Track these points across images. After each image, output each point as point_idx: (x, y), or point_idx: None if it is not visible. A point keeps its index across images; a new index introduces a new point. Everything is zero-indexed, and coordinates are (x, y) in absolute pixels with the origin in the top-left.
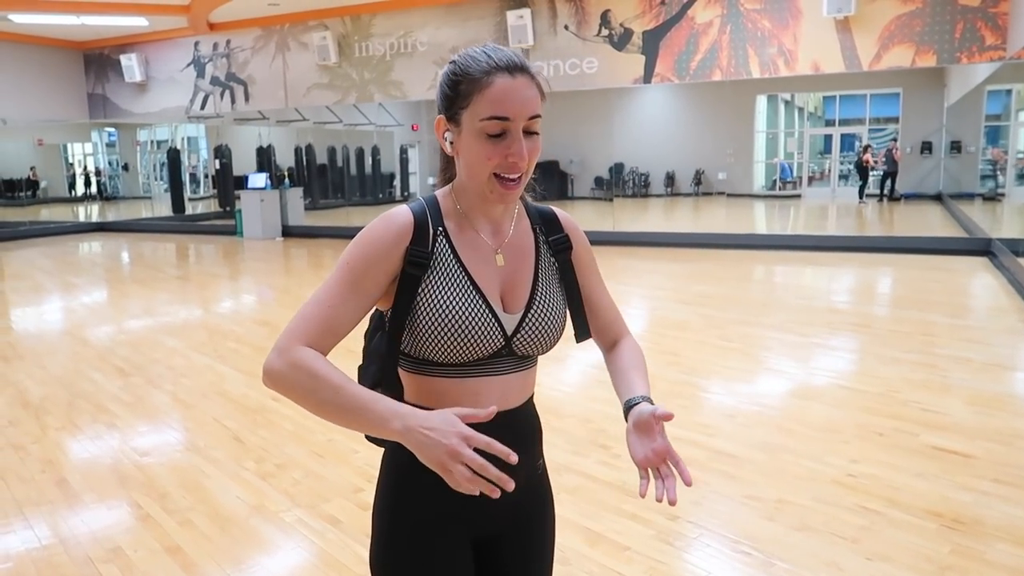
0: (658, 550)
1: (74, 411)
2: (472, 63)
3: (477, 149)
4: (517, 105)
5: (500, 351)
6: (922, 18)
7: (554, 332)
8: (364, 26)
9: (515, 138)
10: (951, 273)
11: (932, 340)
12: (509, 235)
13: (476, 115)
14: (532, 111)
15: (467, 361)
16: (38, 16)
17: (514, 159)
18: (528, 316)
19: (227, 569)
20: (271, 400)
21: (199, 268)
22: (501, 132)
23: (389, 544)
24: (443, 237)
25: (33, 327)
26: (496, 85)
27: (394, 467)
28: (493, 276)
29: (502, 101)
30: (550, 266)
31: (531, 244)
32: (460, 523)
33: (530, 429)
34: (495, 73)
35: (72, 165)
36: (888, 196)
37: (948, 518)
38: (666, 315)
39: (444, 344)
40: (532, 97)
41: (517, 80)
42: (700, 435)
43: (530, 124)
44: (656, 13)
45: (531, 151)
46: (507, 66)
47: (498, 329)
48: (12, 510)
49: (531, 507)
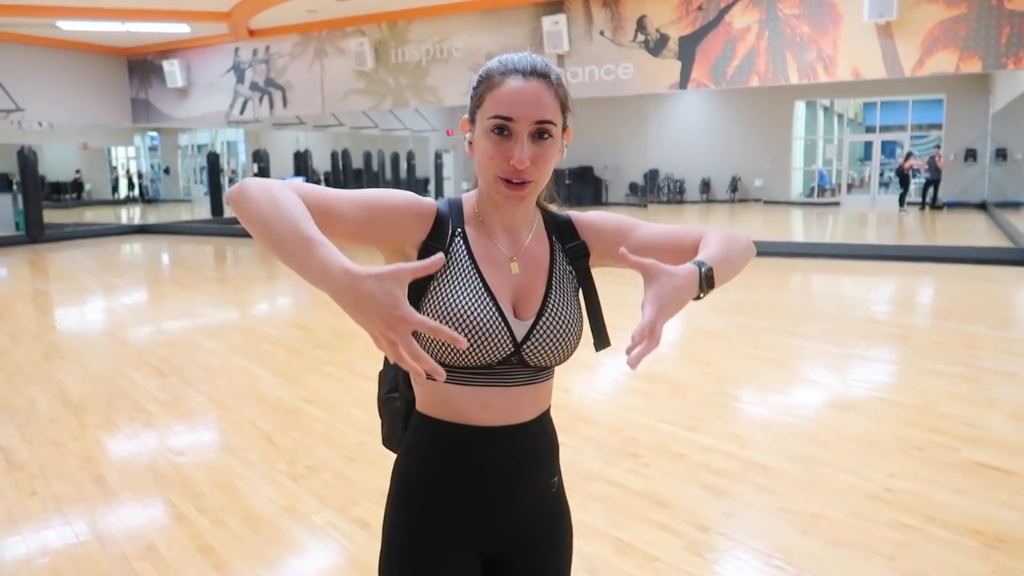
0: (688, 562)
1: (113, 410)
2: (494, 65)
3: (483, 148)
4: (523, 107)
5: (510, 358)
6: (967, 23)
7: (566, 342)
8: (401, 32)
9: (517, 140)
10: (995, 284)
11: (975, 352)
12: (526, 244)
13: (485, 113)
14: (540, 115)
15: (475, 365)
16: (84, 23)
17: (514, 163)
18: (539, 323)
19: (257, 569)
20: (304, 403)
21: (236, 271)
22: (505, 132)
23: (396, 556)
24: (460, 238)
25: (75, 327)
26: (506, 85)
27: (403, 479)
28: (506, 283)
29: (509, 101)
30: (566, 275)
31: (546, 253)
32: (468, 536)
33: (542, 445)
34: (509, 74)
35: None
36: (930, 204)
37: (989, 536)
38: (700, 323)
39: (449, 352)
40: (543, 102)
41: (529, 83)
42: (733, 446)
43: (539, 128)
44: (693, 18)
45: (539, 157)
46: (522, 69)
47: (507, 334)
48: (51, 506)
49: (544, 525)
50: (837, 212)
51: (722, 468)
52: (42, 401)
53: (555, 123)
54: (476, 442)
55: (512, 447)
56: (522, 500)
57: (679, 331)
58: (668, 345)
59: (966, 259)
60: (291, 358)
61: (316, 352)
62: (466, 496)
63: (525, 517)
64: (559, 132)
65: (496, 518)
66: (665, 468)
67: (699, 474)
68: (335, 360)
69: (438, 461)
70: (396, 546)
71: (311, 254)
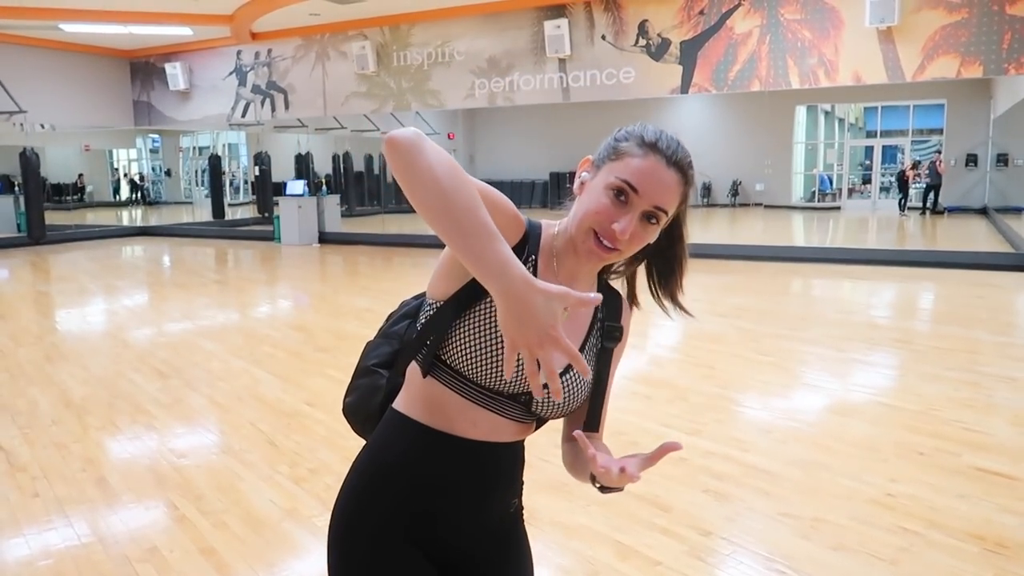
0: (690, 566)
1: (114, 411)
2: (646, 132)
3: (595, 197)
4: (651, 185)
5: (519, 396)
6: (968, 28)
7: (572, 405)
8: (403, 36)
9: (630, 211)
10: (996, 289)
11: (976, 358)
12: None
13: (616, 171)
14: (661, 201)
15: (490, 388)
16: (87, 25)
17: (617, 227)
18: (564, 378)
19: (259, 572)
20: (305, 405)
21: (237, 273)
22: (623, 197)
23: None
24: (532, 267)
25: (77, 328)
26: (647, 159)
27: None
28: None
29: (641, 174)
30: (594, 347)
31: (588, 319)
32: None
33: (514, 466)
34: (654, 151)
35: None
36: (931, 209)
37: (991, 542)
38: (701, 327)
39: (479, 363)
40: (670, 189)
41: (668, 170)
42: (735, 450)
43: (654, 212)
44: (694, 23)
45: (637, 236)
46: (667, 154)
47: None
48: (53, 507)
49: (502, 544)
50: (838, 217)
51: (723, 472)
52: (44, 403)
53: (667, 213)
54: (456, 450)
55: (488, 462)
56: (486, 515)
57: (680, 335)
58: (669, 349)
59: (967, 264)
60: (292, 361)
61: (317, 355)
62: (436, 499)
63: (488, 532)
64: (666, 222)
65: (460, 527)
66: (666, 472)
67: (700, 478)
68: (336, 363)
69: (415, 462)
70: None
71: (493, 247)
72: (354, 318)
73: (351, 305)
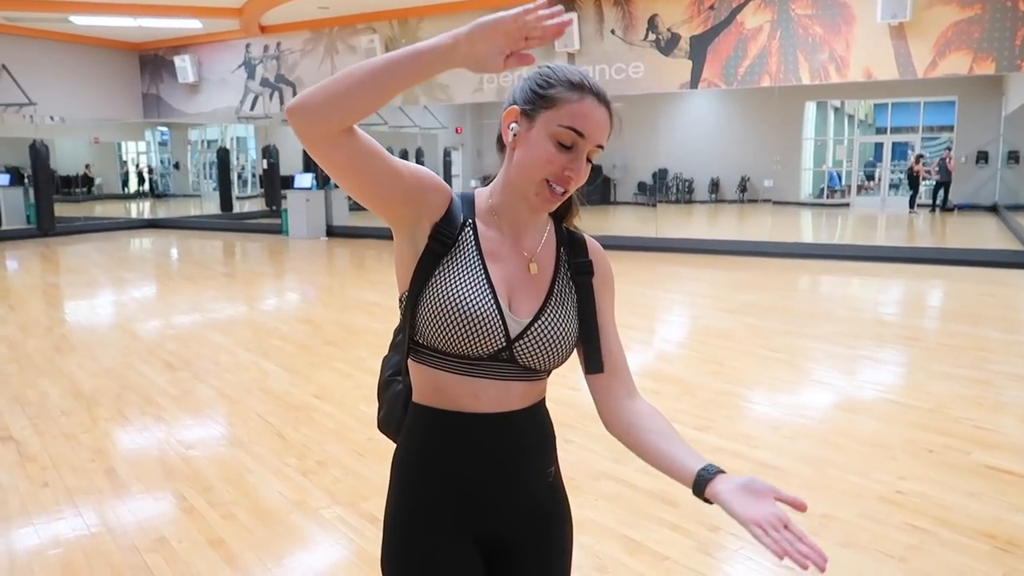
0: (699, 561)
1: (123, 403)
2: (570, 74)
3: (542, 150)
4: (595, 129)
5: (500, 354)
6: (981, 24)
7: (559, 348)
8: (411, 29)
9: (579, 156)
10: (1007, 287)
11: (986, 355)
12: (539, 247)
13: (556, 119)
14: (602, 140)
15: (468, 355)
16: (97, 18)
17: (571, 174)
18: (535, 325)
19: (267, 563)
20: (313, 398)
21: (245, 266)
22: (571, 145)
23: (395, 545)
24: (471, 229)
25: (86, 320)
26: (586, 102)
27: (401, 468)
28: (510, 280)
29: (586, 119)
30: (566, 286)
31: (552, 261)
32: (466, 523)
33: (536, 435)
34: (589, 93)
35: (126, 163)
36: (941, 206)
37: (1001, 540)
38: (709, 323)
39: (447, 331)
40: (606, 129)
41: (602, 109)
42: (743, 446)
43: (593, 152)
44: (704, 18)
45: (583, 175)
46: (598, 94)
47: (501, 328)
48: (63, 497)
49: (541, 515)
50: (847, 213)
51: (732, 468)
52: (53, 394)
53: (603, 149)
54: (468, 428)
55: (504, 434)
56: (517, 488)
57: (689, 331)
58: (677, 345)
59: (977, 262)
60: (300, 354)
61: (325, 348)
62: (462, 481)
63: (526, 506)
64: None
65: (493, 505)
66: None
67: None
68: (344, 356)
69: (433, 447)
70: (395, 535)
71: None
72: (362, 312)
73: (359, 298)
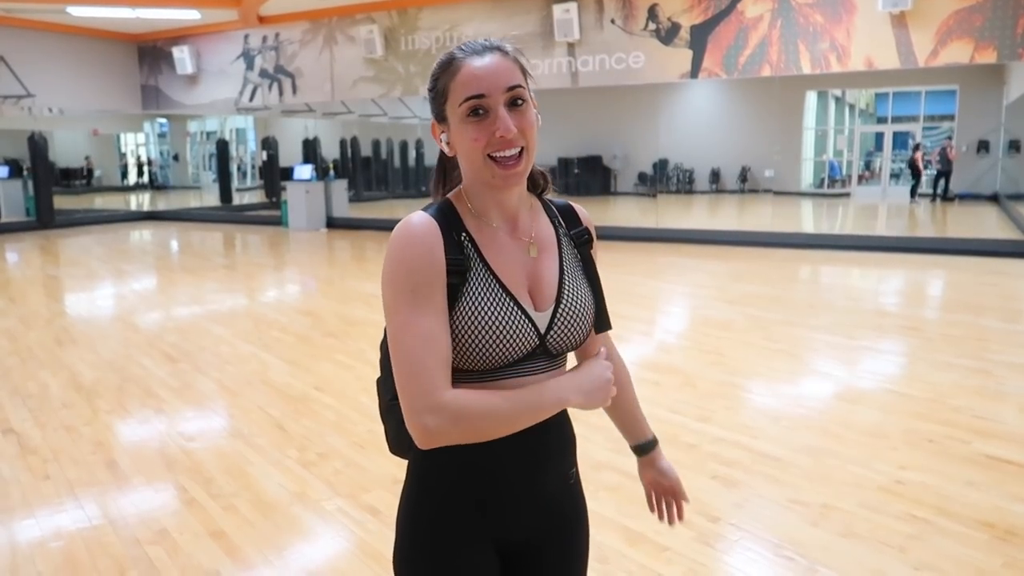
0: (698, 551)
1: (124, 395)
2: (445, 57)
3: (465, 135)
4: (490, 79)
5: (535, 351)
6: (982, 13)
7: (585, 324)
8: (411, 20)
9: (497, 113)
10: (1007, 277)
11: (986, 345)
12: (533, 228)
13: (456, 102)
14: (508, 82)
15: (504, 364)
16: (95, 9)
17: (501, 133)
18: (559, 311)
19: (268, 555)
20: (314, 390)
21: (245, 258)
22: (482, 111)
23: (412, 550)
24: (468, 242)
25: (86, 312)
26: (465, 67)
27: (418, 476)
28: (520, 274)
29: (475, 79)
30: (573, 258)
31: (553, 237)
32: (490, 534)
33: (564, 437)
34: (464, 58)
35: (125, 155)
36: (941, 196)
37: (1000, 529)
38: (710, 314)
39: (483, 352)
40: (506, 69)
41: (486, 58)
42: (744, 437)
43: (513, 95)
44: (705, 7)
45: (522, 123)
46: (475, 49)
47: (532, 330)
48: (64, 490)
49: (562, 516)
50: (847, 203)
51: (732, 459)
52: (54, 386)
53: (523, 85)
54: (499, 443)
55: (533, 442)
56: (543, 493)
57: (689, 322)
58: (678, 336)
59: (977, 251)
60: (300, 346)
61: (325, 340)
62: (485, 489)
63: (547, 509)
64: (530, 96)
65: (515, 509)
66: (675, 458)
67: (709, 465)
68: (344, 348)
69: (461, 464)
70: (414, 541)
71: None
72: (362, 303)
73: (359, 290)
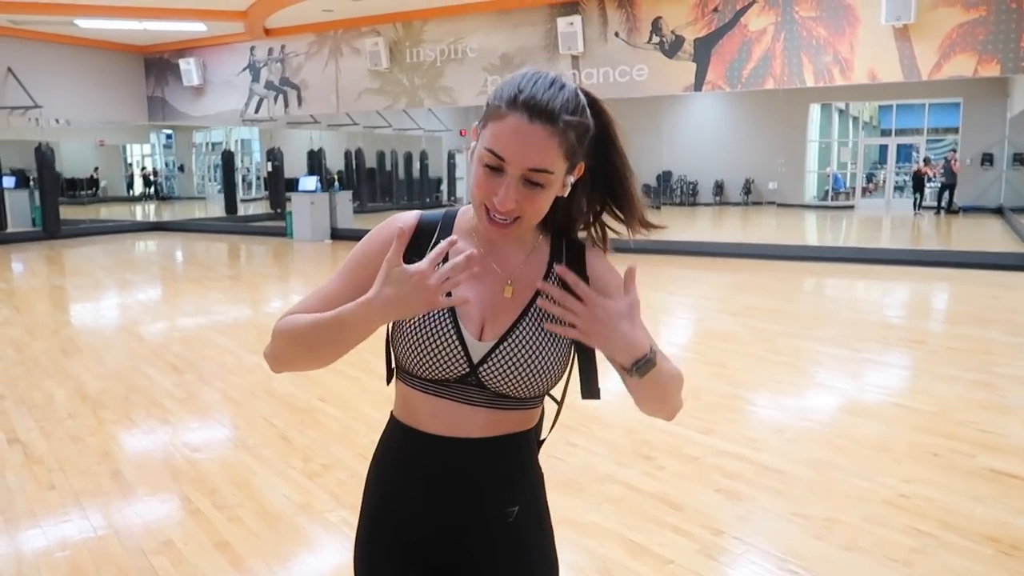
0: (702, 564)
1: (129, 405)
2: (507, 88)
3: (476, 172)
4: (517, 151)
5: (466, 378)
6: (986, 26)
7: (532, 372)
8: (415, 32)
9: (505, 182)
10: (1012, 290)
11: (991, 358)
12: (519, 269)
13: (484, 140)
14: (533, 163)
15: (434, 379)
16: (102, 21)
17: (497, 202)
18: (499, 347)
19: (273, 566)
20: (318, 401)
21: (250, 268)
22: (497, 168)
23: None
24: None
25: (92, 322)
26: (508, 121)
27: (368, 475)
28: (480, 302)
29: (506, 140)
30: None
31: (538, 278)
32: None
33: (494, 467)
34: (514, 108)
35: (131, 166)
36: (946, 209)
37: (1006, 544)
38: (713, 326)
39: (411, 359)
40: (542, 149)
41: (532, 126)
42: (747, 449)
43: (532, 175)
44: (708, 20)
45: (527, 201)
46: (530, 107)
47: (461, 355)
48: (70, 500)
49: (490, 553)
50: (851, 216)
51: (736, 472)
52: (60, 396)
53: (551, 171)
54: (422, 447)
55: (456, 460)
56: (467, 519)
57: (692, 333)
58: (681, 348)
59: (982, 264)
60: None
61: None
62: (411, 499)
63: (463, 540)
64: (556, 179)
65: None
66: (679, 471)
67: (712, 477)
68: (349, 359)
69: (391, 461)
70: (357, 541)
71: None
72: None
73: None
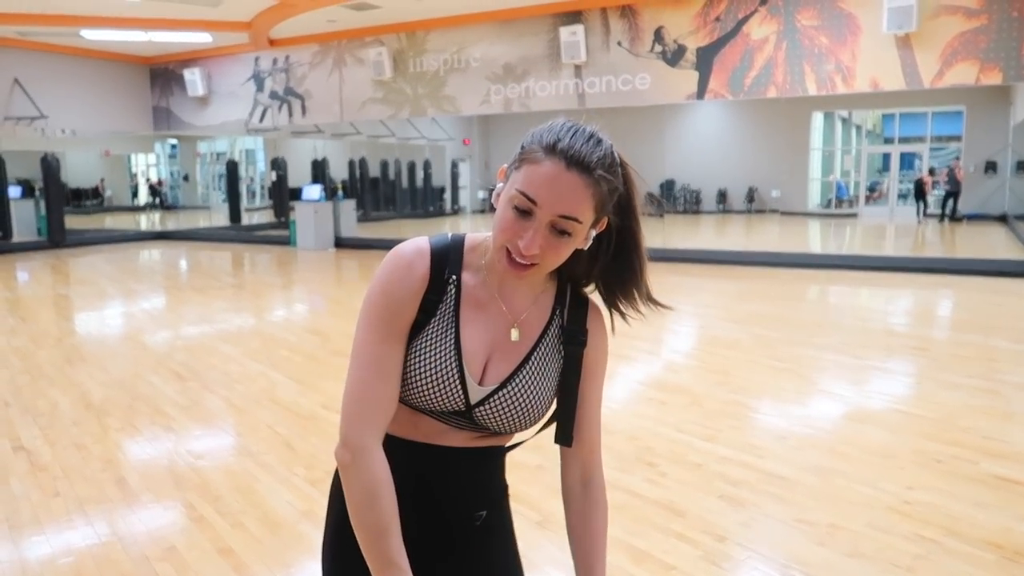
0: (705, 571)
1: (133, 413)
2: (546, 135)
3: (501, 212)
4: (551, 196)
5: (459, 414)
6: (987, 34)
7: (526, 415)
8: (419, 42)
9: (534, 227)
10: (1016, 297)
11: (995, 365)
12: (526, 312)
13: (516, 181)
14: (565, 210)
15: (427, 410)
16: (108, 32)
17: (522, 246)
18: (500, 393)
19: (276, 572)
20: (321, 408)
21: (254, 277)
22: (527, 211)
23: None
24: (453, 288)
25: (96, 331)
26: (543, 166)
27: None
28: (485, 343)
29: (539, 184)
30: (551, 353)
31: (542, 323)
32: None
33: (473, 473)
34: (552, 154)
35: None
36: (950, 216)
37: (1009, 550)
38: (716, 333)
39: (410, 387)
40: (575, 197)
41: (569, 174)
42: (750, 456)
43: (561, 222)
44: (710, 29)
45: (551, 249)
46: (568, 155)
47: (460, 398)
48: (74, 507)
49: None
50: (855, 224)
51: (739, 478)
52: (64, 404)
53: (580, 221)
54: (396, 450)
55: (430, 465)
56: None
57: (695, 341)
58: (684, 355)
59: (986, 271)
60: (308, 364)
61: (333, 359)
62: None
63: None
64: (582, 230)
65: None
66: (682, 477)
67: (716, 484)
68: None
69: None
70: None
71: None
72: None
73: None
